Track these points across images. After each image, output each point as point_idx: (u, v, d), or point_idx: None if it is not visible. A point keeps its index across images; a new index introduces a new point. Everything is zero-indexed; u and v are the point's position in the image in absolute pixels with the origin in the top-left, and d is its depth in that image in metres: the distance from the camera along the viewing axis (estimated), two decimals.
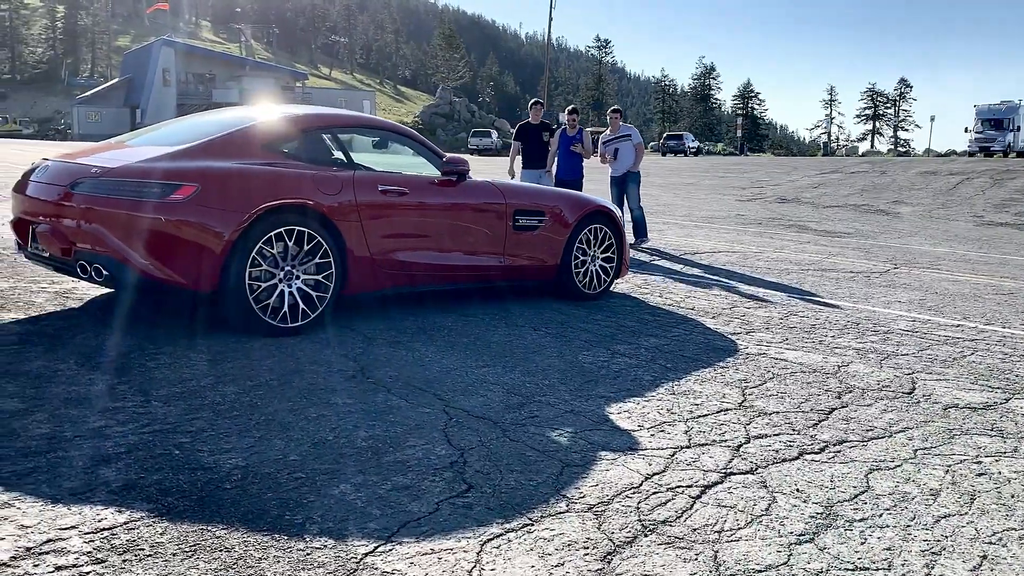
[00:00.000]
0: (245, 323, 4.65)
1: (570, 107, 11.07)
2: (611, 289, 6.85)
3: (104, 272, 4.37)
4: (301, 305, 4.81)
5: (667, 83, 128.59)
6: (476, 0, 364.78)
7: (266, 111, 5.42)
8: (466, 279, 5.86)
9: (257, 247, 4.58)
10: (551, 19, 71.40)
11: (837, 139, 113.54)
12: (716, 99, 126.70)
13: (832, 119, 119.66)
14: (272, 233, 4.63)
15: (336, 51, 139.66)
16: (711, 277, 8.27)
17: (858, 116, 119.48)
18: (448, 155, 5.74)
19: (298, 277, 4.81)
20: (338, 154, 5.25)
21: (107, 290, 5.59)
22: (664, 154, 57.74)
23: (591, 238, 6.50)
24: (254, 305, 4.60)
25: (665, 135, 63.47)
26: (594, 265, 6.55)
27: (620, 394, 4.06)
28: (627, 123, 11.14)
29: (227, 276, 4.51)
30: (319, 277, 4.88)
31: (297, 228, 4.73)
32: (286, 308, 4.74)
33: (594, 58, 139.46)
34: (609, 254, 6.66)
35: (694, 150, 59.02)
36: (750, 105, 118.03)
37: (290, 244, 4.73)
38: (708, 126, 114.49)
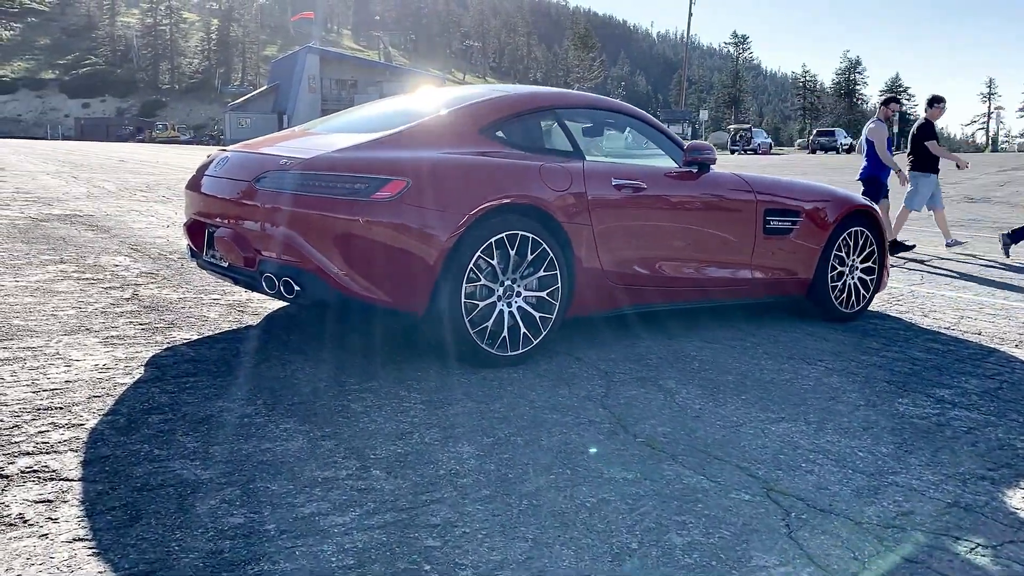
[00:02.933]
0: (458, 351, 3.72)
1: (889, 96, 9.77)
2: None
3: (295, 288, 3.52)
4: (522, 328, 3.84)
5: (808, 78, 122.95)
6: (607, 0, 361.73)
7: (476, 90, 4.49)
8: (708, 296, 4.75)
9: (475, 257, 3.64)
10: (690, 15, 69.15)
11: (997, 134, 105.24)
12: (861, 94, 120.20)
13: (993, 113, 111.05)
14: (493, 239, 3.68)
15: (470, 55, 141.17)
16: (955, 286, 6.79)
17: (1021, 110, 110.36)
18: (689, 141, 4.65)
19: (519, 294, 3.85)
20: (562, 140, 4.25)
21: (283, 303, 4.82)
22: (813, 151, 54.53)
23: (850, 244, 5.24)
24: (470, 329, 3.66)
25: (816, 131, 60.00)
26: (852, 278, 5.29)
27: (1001, 471, 2.84)
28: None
29: (439, 293, 3.59)
30: (543, 294, 3.90)
31: (521, 233, 3.76)
32: (505, 332, 3.78)
33: (729, 55, 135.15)
34: (870, 263, 5.38)
35: (846, 147, 55.44)
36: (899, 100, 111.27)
37: (512, 253, 3.77)
38: (853, 122, 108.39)
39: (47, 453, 2.56)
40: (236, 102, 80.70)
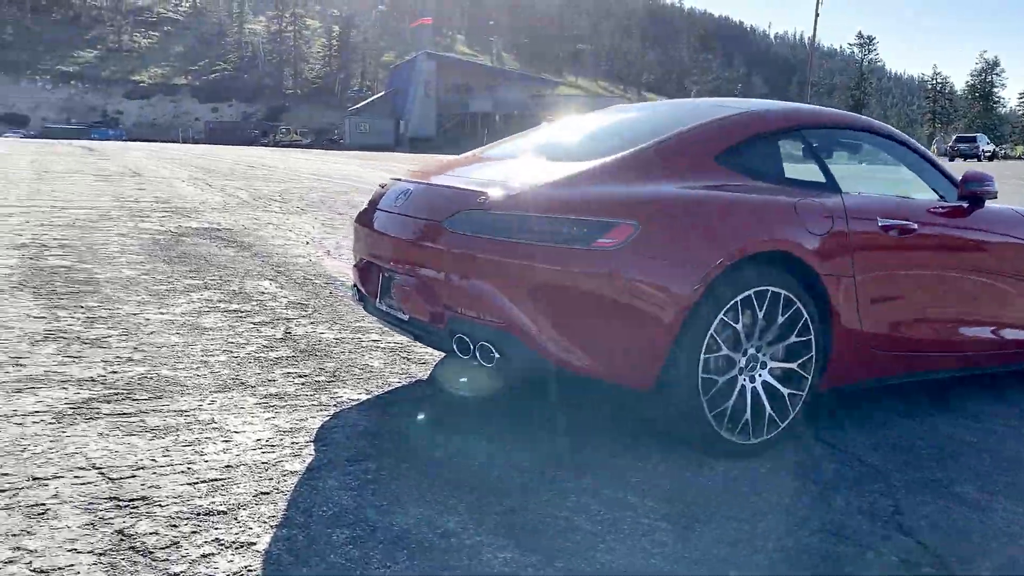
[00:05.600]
0: (691, 437, 2.97)
1: None
2: None
3: (494, 354, 2.85)
4: (768, 409, 3.05)
5: (939, 81, 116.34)
6: (723, 1, 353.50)
7: (695, 106, 3.73)
8: (1004, 360, 3.86)
9: (717, 320, 2.87)
10: (817, 15, 66.46)
11: None
12: (999, 97, 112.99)
13: None
14: (739, 298, 2.91)
15: (582, 59, 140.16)
16: None
17: None
18: (966, 170, 3.75)
19: (764, 365, 3.06)
20: (812, 169, 3.43)
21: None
22: (952, 159, 51.07)
23: None
24: (707, 410, 2.90)
25: (955, 137, 56.16)
26: None
27: None
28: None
29: (672, 365, 2.84)
30: (792, 365, 3.10)
31: (771, 289, 2.97)
32: (748, 414, 3.00)
33: (851, 56, 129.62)
34: None
35: (988, 154, 51.68)
36: None
37: (759, 314, 2.98)
38: (988, 127, 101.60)
39: None
40: (355, 107, 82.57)
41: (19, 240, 7.41)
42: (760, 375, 3.05)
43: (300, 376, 3.74)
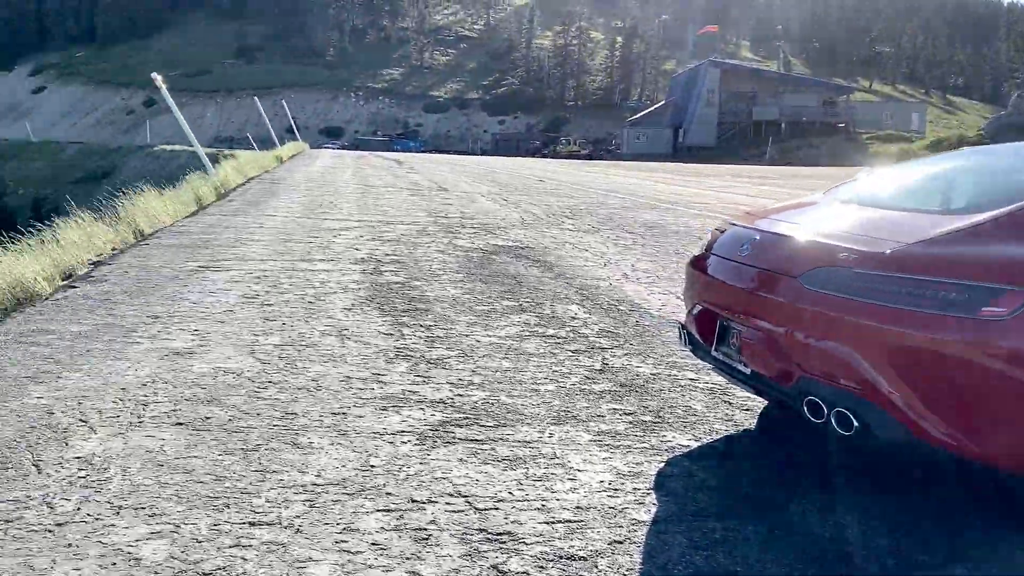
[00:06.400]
0: None
1: None
2: None
3: (854, 423, 2.71)
4: None
5: None
6: None
7: None
8: None
9: None
10: None
11: None
12: None
13: None
14: None
15: (878, 62, 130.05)
16: None
17: None
18: None
19: None
20: None
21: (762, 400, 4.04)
22: None
23: None
24: None
25: None
26: None
27: None
28: None
29: None
30: None
31: None
32: None
33: None
34: None
35: None
36: None
37: None
38: None
39: None
40: (633, 117, 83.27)
41: (358, 255, 8.33)
42: None
43: (626, 414, 3.81)
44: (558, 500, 2.87)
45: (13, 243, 7.55)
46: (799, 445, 3.56)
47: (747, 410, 3.97)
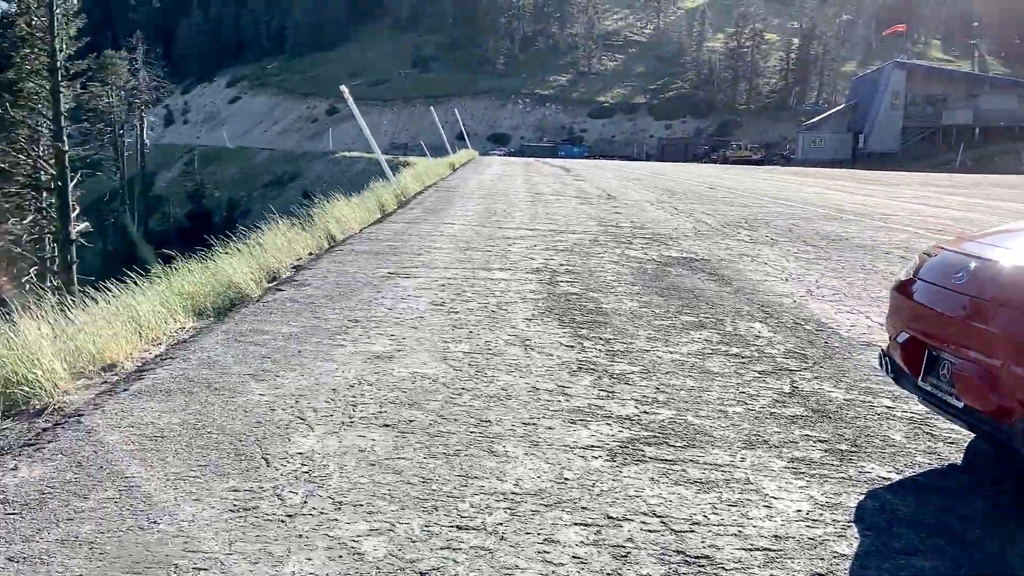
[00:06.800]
0: None
1: None
2: None
3: None
4: None
5: None
6: None
7: None
8: None
9: None
10: None
11: None
12: None
13: None
14: None
15: None
16: None
17: None
18: None
19: None
20: None
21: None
22: None
23: None
24: None
25: None
26: None
27: None
28: None
29: None
30: None
31: None
32: None
33: None
34: None
35: None
36: None
37: None
38: None
39: None
40: (810, 121, 79.72)
41: (533, 264, 8.53)
42: None
43: (821, 443, 3.71)
44: (755, 527, 2.85)
45: (223, 245, 8.23)
46: (1014, 483, 3.35)
47: (952, 443, 3.76)
